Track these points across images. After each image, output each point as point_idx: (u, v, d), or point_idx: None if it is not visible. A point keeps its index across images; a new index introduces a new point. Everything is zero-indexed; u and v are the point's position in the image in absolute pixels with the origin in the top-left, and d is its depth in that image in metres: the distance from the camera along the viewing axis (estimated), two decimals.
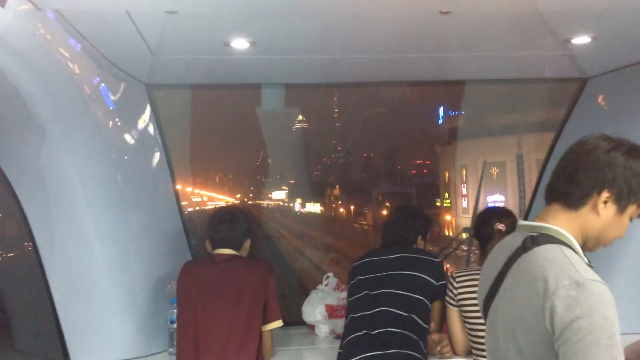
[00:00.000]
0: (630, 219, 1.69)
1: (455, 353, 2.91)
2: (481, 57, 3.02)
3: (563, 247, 1.58)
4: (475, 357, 2.79)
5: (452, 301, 2.88)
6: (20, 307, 3.30)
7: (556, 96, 3.89)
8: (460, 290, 2.82)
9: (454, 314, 2.88)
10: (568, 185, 1.66)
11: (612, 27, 2.54)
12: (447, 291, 2.89)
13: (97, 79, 2.85)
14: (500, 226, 2.81)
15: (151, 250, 3.32)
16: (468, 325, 2.81)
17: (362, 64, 3.10)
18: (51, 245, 2.99)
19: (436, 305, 2.97)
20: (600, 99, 3.50)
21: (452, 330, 2.90)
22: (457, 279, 2.87)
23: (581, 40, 2.70)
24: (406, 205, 3.33)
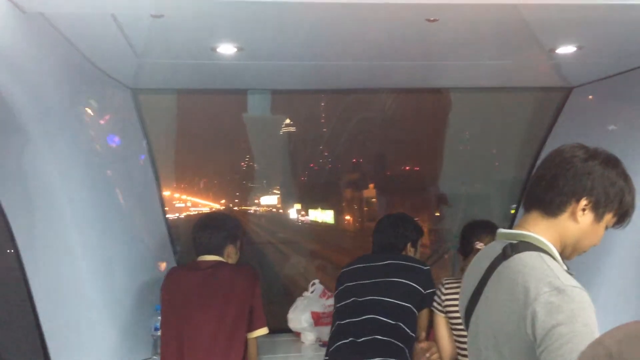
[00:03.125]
0: (606, 227, 1.72)
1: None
2: (466, 66, 3.03)
3: (542, 254, 1.60)
4: None
5: (439, 307, 2.88)
6: (2, 315, 3.25)
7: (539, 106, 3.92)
8: (448, 297, 2.82)
9: (440, 320, 2.88)
10: (547, 192, 1.68)
11: (598, 37, 2.56)
12: (435, 297, 2.90)
13: (82, 83, 2.82)
14: (480, 245, 2.81)
15: (135, 257, 3.29)
16: (455, 332, 2.81)
17: (348, 71, 3.11)
18: (33, 251, 2.95)
19: (424, 313, 2.97)
20: (585, 108, 3.53)
21: (438, 337, 2.90)
22: (446, 286, 2.86)
23: (566, 49, 2.72)
24: (397, 213, 3.33)
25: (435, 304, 2.90)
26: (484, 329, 1.67)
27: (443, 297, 2.85)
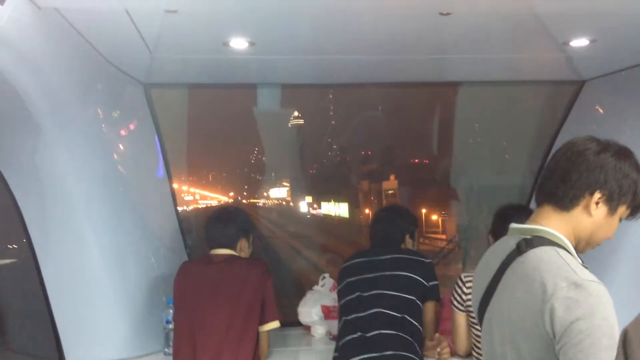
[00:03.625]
0: (620, 220, 1.71)
1: (455, 353, 2.90)
2: (479, 59, 3.02)
3: (558, 249, 1.59)
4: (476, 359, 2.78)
5: (460, 306, 2.82)
6: (16, 308, 3.28)
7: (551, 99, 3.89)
8: (470, 296, 2.73)
9: (461, 319, 2.83)
10: (560, 186, 1.67)
11: (611, 30, 2.55)
12: (456, 295, 2.84)
13: (95, 78, 2.84)
14: None
15: (147, 250, 3.31)
16: (474, 328, 2.78)
17: (360, 65, 3.10)
18: (47, 244, 2.98)
19: (429, 306, 2.96)
20: (597, 101, 3.51)
21: (457, 334, 2.86)
22: (467, 284, 2.78)
23: (580, 42, 2.70)
24: (392, 205, 3.32)
25: (455, 302, 2.84)
26: (499, 325, 1.67)
27: (465, 297, 2.78)
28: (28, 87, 2.40)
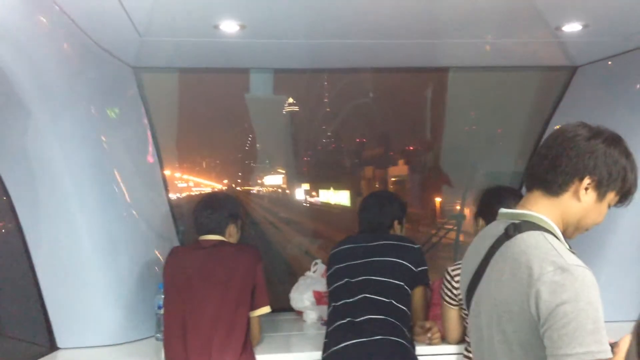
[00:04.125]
0: (609, 206, 1.71)
1: (446, 341, 2.91)
2: (471, 44, 3.01)
3: (545, 234, 1.60)
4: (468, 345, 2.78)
5: (452, 302, 2.79)
6: (7, 294, 3.27)
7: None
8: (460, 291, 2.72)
9: (453, 313, 2.81)
10: (549, 172, 1.67)
11: (604, 15, 2.54)
12: (446, 290, 2.81)
13: (85, 61, 2.81)
14: None
15: (138, 236, 3.30)
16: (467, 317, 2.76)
17: (352, 49, 3.08)
18: (37, 230, 2.96)
19: (418, 292, 2.96)
20: (590, 87, 3.51)
21: (448, 326, 2.84)
22: (456, 278, 2.75)
23: (572, 27, 2.69)
24: (381, 191, 3.32)
25: (447, 297, 2.81)
26: (486, 308, 1.67)
27: (455, 292, 2.75)
28: (17, 70, 2.37)
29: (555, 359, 1.42)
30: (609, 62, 3.27)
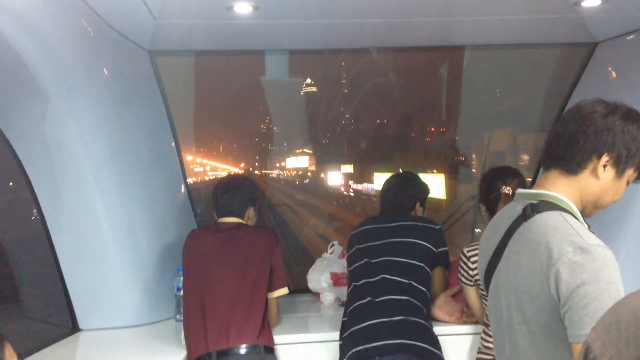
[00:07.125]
0: (627, 183, 1.68)
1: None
2: (488, 21, 2.96)
3: (564, 214, 1.58)
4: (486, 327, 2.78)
5: (469, 282, 2.81)
6: (30, 277, 3.33)
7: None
8: (477, 271, 2.69)
9: (472, 292, 2.83)
10: (567, 150, 1.64)
11: None
12: (462, 271, 2.82)
13: (100, 45, 2.82)
14: (507, 190, 2.67)
15: (157, 219, 3.33)
16: (485, 300, 2.77)
17: (367, 29, 3.05)
18: (57, 213, 3.00)
19: (437, 272, 2.97)
20: (609, 63, 3.44)
21: (472, 305, 2.87)
22: (472, 259, 2.77)
23: (592, 2, 2.63)
24: (403, 172, 3.30)
25: (463, 278, 2.82)
26: (505, 289, 1.66)
27: (472, 273, 2.76)
28: (33, 55, 2.39)
29: (576, 340, 1.41)
30: (629, 37, 3.20)
